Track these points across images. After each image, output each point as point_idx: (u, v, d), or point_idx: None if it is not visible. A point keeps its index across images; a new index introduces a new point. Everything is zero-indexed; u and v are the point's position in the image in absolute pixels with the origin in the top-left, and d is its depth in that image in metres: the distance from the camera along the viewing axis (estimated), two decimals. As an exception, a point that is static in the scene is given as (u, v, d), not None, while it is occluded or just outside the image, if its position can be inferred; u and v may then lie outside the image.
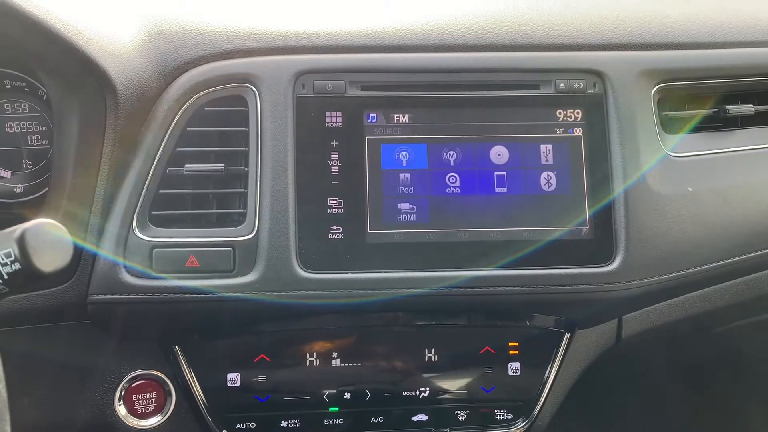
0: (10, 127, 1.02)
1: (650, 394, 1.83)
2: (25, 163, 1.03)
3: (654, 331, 1.16)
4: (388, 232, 0.99)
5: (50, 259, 0.63)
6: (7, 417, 0.59)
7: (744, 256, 1.09)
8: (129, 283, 0.94)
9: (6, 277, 0.62)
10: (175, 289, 0.94)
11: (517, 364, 1.08)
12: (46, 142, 1.02)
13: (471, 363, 1.07)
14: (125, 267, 0.94)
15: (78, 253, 0.95)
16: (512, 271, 0.99)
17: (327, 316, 1.02)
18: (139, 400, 1.03)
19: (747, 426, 1.83)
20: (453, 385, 1.07)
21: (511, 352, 1.08)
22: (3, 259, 0.61)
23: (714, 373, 1.90)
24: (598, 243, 1.01)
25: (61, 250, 0.64)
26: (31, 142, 1.03)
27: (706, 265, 1.07)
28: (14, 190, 1.02)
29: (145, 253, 0.94)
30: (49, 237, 0.63)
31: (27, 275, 0.62)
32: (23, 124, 1.03)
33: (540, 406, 1.09)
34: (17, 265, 0.62)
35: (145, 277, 0.94)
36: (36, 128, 1.03)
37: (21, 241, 0.62)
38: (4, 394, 0.61)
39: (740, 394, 1.88)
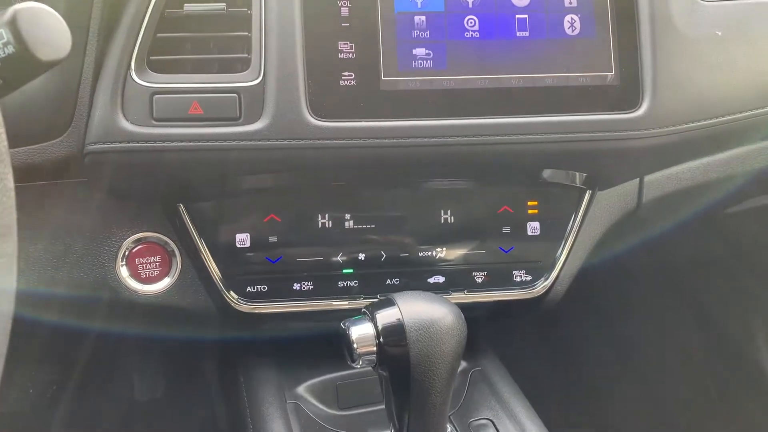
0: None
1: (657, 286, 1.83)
2: None
3: (673, 198, 1.13)
4: (403, 79, 0.93)
5: (47, 46, 0.57)
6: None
7: None
8: (128, 131, 0.87)
9: (-1, 63, 0.55)
10: (177, 136, 0.88)
11: (536, 224, 1.04)
12: None
13: (488, 223, 1.03)
14: (124, 114, 0.88)
15: (72, 102, 0.89)
16: (534, 118, 0.94)
17: (339, 171, 0.97)
18: (142, 264, 0.98)
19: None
20: (470, 245, 1.03)
21: (530, 211, 1.04)
22: (-6, 43, 0.55)
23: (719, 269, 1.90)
24: (624, 88, 0.96)
25: (58, 37, 0.58)
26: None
27: (732, 114, 1.02)
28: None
29: (144, 100, 0.88)
30: (45, 21, 0.57)
31: (22, 61, 0.56)
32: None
33: (560, 267, 1.05)
34: (10, 49, 0.55)
35: (146, 125, 0.88)
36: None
37: (13, 23, 0.55)
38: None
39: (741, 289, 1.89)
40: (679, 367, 2.02)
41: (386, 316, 0.81)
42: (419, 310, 0.81)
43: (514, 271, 1.05)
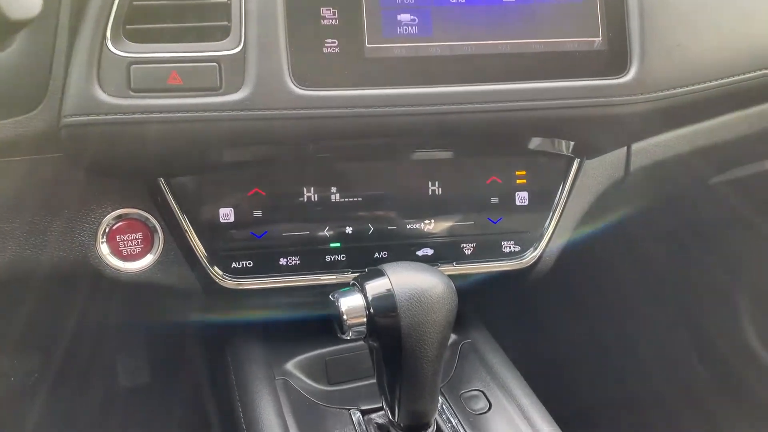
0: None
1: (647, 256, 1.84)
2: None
3: (660, 167, 1.12)
4: (387, 46, 0.91)
5: (16, 3, 0.54)
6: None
7: (761, 72, 1.04)
8: (105, 102, 0.84)
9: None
10: (156, 107, 0.85)
11: (525, 194, 1.03)
12: None
13: (477, 194, 1.02)
14: (100, 85, 0.85)
15: (46, 73, 0.86)
16: (521, 84, 0.92)
17: (323, 143, 0.94)
18: (123, 241, 0.95)
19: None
20: (458, 217, 1.02)
21: (518, 181, 1.03)
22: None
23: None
24: (612, 54, 0.95)
25: None
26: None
27: (721, 78, 1.01)
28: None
29: (121, 71, 0.85)
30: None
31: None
32: None
33: (548, 238, 1.05)
34: (-24, 6, 0.53)
35: (123, 96, 0.85)
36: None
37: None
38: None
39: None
40: (665, 336, 2.04)
41: (376, 287, 0.80)
42: (409, 280, 0.80)
43: (502, 242, 1.04)
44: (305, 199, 0.97)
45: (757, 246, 1.86)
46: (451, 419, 0.95)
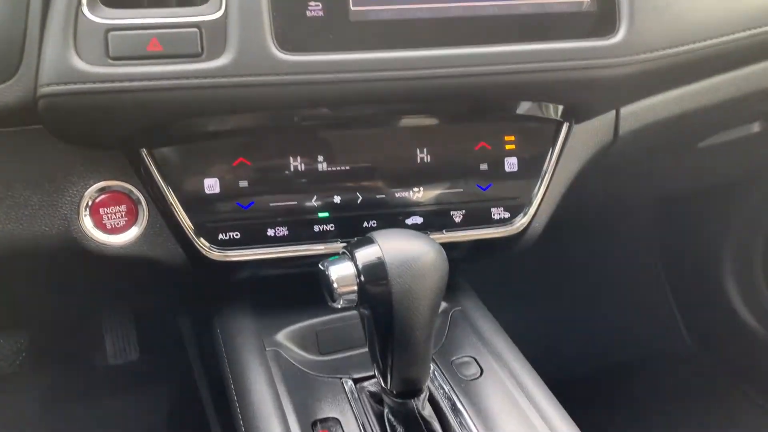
0: None
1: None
2: None
3: (649, 130, 1.12)
4: (373, 9, 0.88)
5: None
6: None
7: (750, 32, 1.03)
8: (83, 71, 0.82)
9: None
10: (136, 75, 0.83)
11: (514, 159, 1.02)
12: None
13: (466, 160, 1.00)
14: (77, 53, 0.82)
15: (20, 41, 0.83)
16: (509, 47, 0.91)
17: (309, 110, 0.93)
18: (107, 214, 0.93)
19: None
20: (447, 184, 1.00)
21: (507, 146, 1.01)
22: None
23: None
24: (601, 14, 0.93)
25: None
26: None
27: (711, 39, 1.00)
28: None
29: (99, 38, 0.82)
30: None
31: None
32: None
33: (538, 203, 1.04)
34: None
35: (102, 65, 0.83)
36: None
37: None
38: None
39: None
40: (653, 301, 2.06)
41: (366, 255, 0.79)
42: (400, 248, 0.79)
43: (492, 209, 1.03)
44: (292, 169, 0.96)
45: (743, 209, 1.88)
46: (443, 385, 0.95)
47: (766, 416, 1.74)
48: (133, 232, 0.95)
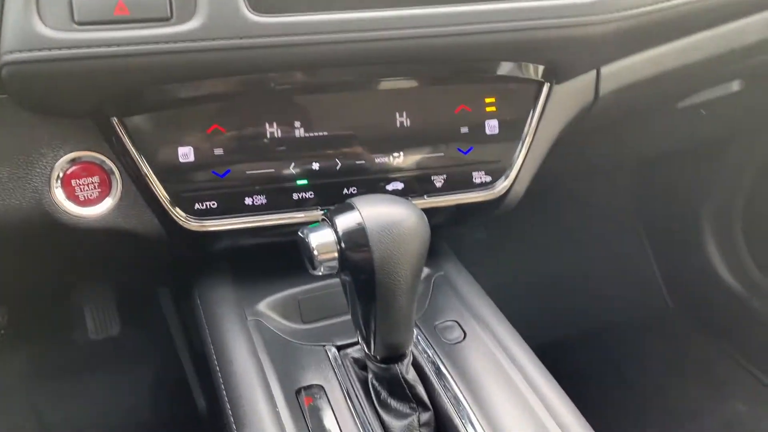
0: None
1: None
2: None
3: (629, 90, 1.11)
4: (348, -32, 0.86)
5: None
6: None
7: None
8: (48, 37, 0.78)
9: None
10: (102, 41, 0.80)
11: (495, 122, 1.00)
12: None
13: (446, 124, 0.99)
14: (41, 18, 0.79)
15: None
16: (485, 5, 0.89)
17: (284, 74, 0.90)
18: (79, 185, 0.91)
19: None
20: (428, 149, 0.99)
21: (487, 108, 1.00)
22: None
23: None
24: (578, -29, 0.91)
25: None
26: None
27: None
28: None
29: (63, 2, 0.79)
30: None
31: None
32: None
33: (519, 166, 1.03)
34: None
35: (67, 30, 0.79)
36: None
37: None
38: None
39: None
40: (634, 263, 2.08)
41: (346, 221, 0.77)
42: (380, 213, 0.78)
43: (473, 173, 1.02)
44: (268, 136, 0.93)
45: (722, 171, 1.89)
46: (427, 350, 0.95)
47: (743, 371, 1.78)
48: (106, 204, 0.92)
